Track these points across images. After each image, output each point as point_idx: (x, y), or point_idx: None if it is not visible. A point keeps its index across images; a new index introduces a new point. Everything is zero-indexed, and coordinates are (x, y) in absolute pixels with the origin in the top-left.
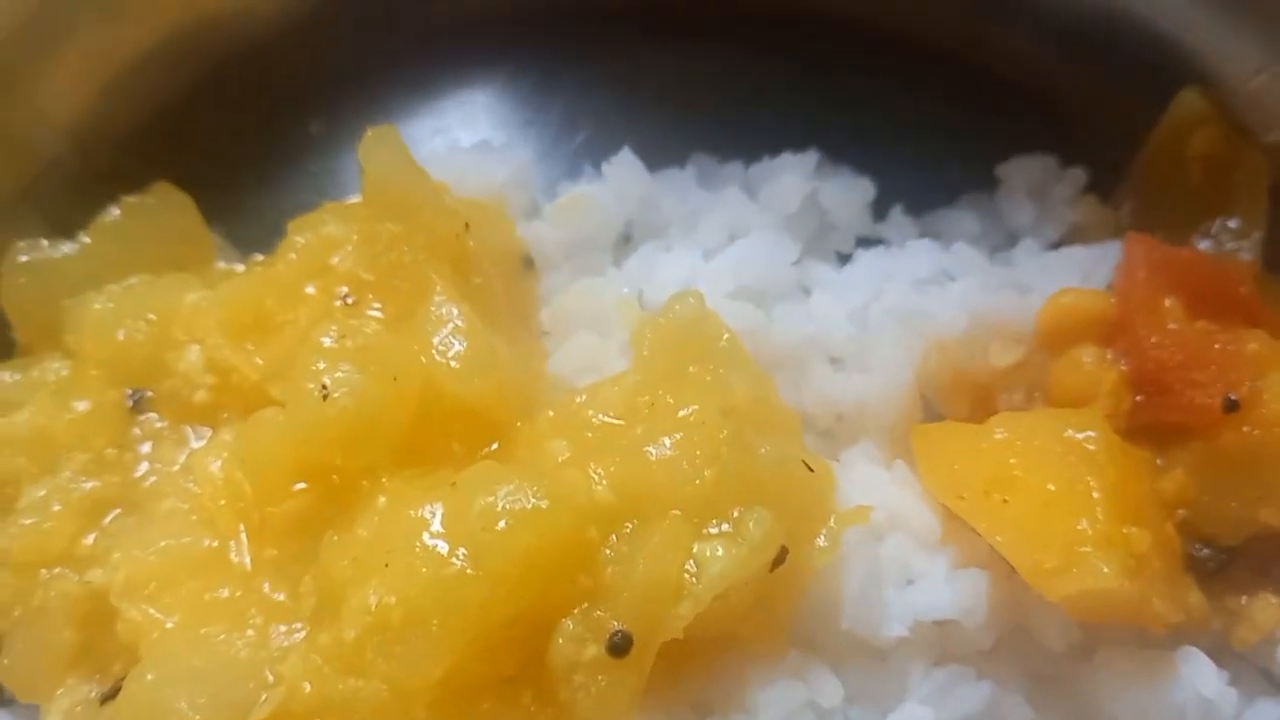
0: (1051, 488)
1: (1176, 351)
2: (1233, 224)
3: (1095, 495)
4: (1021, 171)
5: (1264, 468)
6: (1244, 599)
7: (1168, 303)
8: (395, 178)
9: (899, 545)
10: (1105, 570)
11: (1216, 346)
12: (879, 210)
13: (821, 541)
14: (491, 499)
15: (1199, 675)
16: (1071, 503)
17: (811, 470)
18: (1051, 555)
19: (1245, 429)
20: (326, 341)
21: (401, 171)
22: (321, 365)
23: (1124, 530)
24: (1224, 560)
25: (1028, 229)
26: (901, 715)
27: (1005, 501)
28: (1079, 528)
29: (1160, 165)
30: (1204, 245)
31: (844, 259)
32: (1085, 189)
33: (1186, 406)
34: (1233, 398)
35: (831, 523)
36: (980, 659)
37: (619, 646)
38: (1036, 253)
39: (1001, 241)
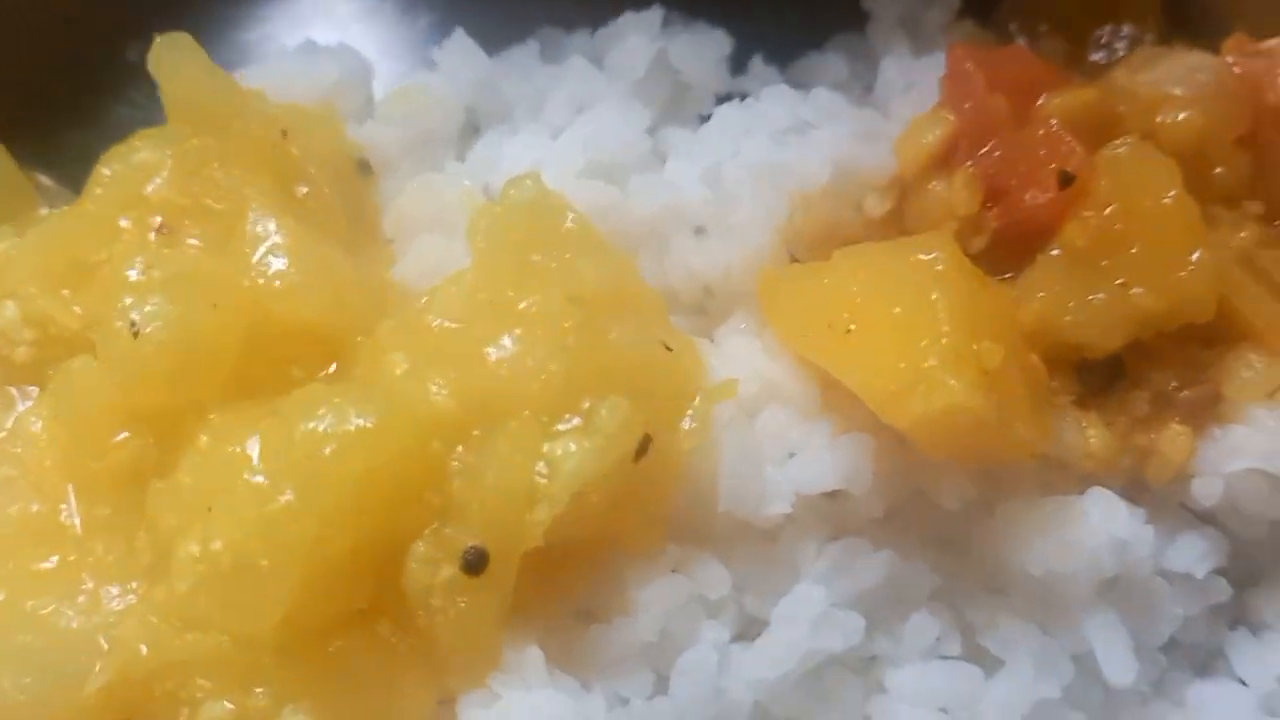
0: (896, 311)
1: (1008, 150)
2: (1125, 30)
3: (941, 313)
4: (891, 2)
5: (1114, 250)
6: (1152, 436)
7: (994, 105)
8: (196, 88)
9: (776, 418)
10: (952, 384)
11: (1042, 133)
12: (741, 64)
13: (688, 424)
14: (314, 423)
15: (1109, 516)
16: (917, 323)
17: (670, 350)
18: (896, 378)
19: (1086, 216)
20: (133, 275)
21: (202, 81)
22: (129, 301)
23: (973, 346)
24: (1112, 372)
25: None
26: (794, 598)
27: (849, 332)
28: (923, 345)
29: None
30: (1097, 57)
31: (706, 121)
32: (960, 13)
33: (1028, 205)
34: (1067, 171)
35: (697, 402)
36: (875, 529)
37: (474, 564)
38: (903, 89)
39: (875, 82)
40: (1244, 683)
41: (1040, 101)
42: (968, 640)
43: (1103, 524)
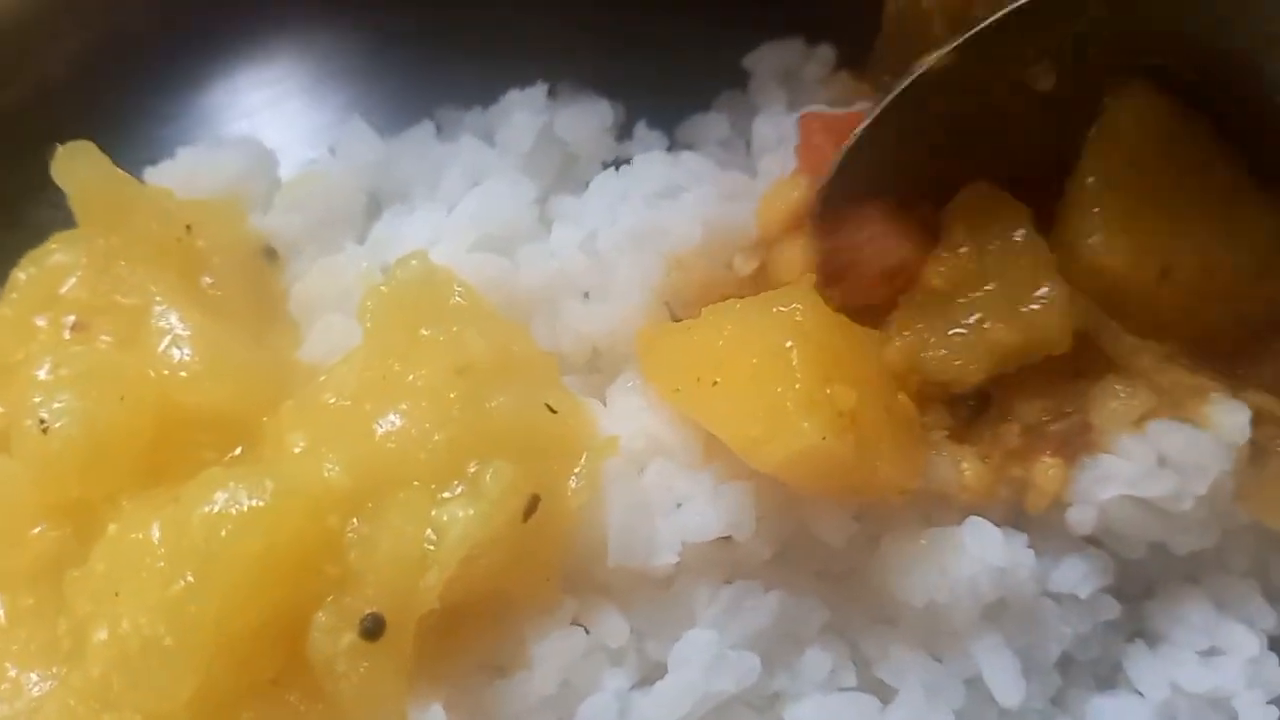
0: (754, 361)
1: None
2: None
3: (795, 360)
4: (769, 59)
5: (969, 288)
6: (1027, 468)
7: None
8: (102, 192)
9: (662, 471)
10: (805, 427)
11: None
12: (628, 130)
13: (575, 481)
14: (209, 506)
15: (985, 545)
16: (773, 371)
17: (555, 411)
18: (757, 424)
19: (943, 257)
20: (42, 374)
21: (107, 185)
22: (38, 399)
23: (826, 390)
24: (981, 405)
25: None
26: (688, 643)
27: (715, 384)
28: (779, 391)
29: (902, 25)
30: None
31: None
32: (836, 66)
33: (865, 287)
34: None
35: (584, 460)
36: (765, 570)
37: (372, 630)
38: (775, 145)
39: None
40: (1141, 694)
41: None
42: (862, 671)
43: (980, 553)
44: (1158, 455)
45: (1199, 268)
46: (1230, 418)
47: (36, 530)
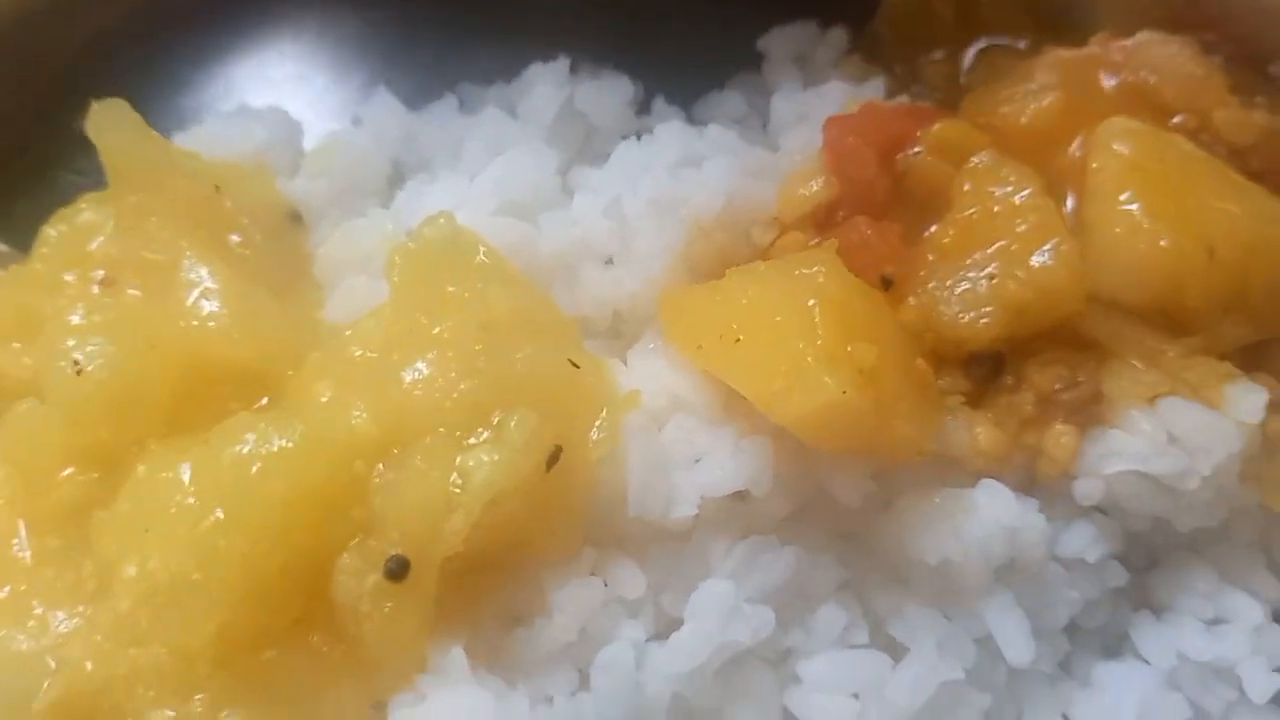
0: (778, 319)
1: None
2: (997, 41)
3: (817, 317)
4: (782, 42)
5: (980, 246)
6: (1040, 435)
7: (869, 178)
8: (133, 150)
9: (682, 426)
10: (827, 382)
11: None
12: (646, 106)
13: (597, 434)
14: (240, 447)
15: (998, 506)
16: (796, 328)
17: (578, 367)
18: (779, 379)
19: (954, 218)
20: (75, 320)
21: (138, 143)
22: (72, 343)
23: (848, 347)
24: (995, 367)
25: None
26: (705, 594)
27: (738, 341)
28: (801, 348)
29: (906, 8)
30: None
31: None
32: (849, 49)
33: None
34: (885, 276)
35: (605, 414)
36: (781, 527)
37: (396, 571)
38: (794, 122)
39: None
40: (1147, 662)
41: (900, 155)
42: (875, 629)
43: (992, 513)
44: (1167, 432)
45: (1240, 245)
46: (1246, 398)
47: (65, 473)
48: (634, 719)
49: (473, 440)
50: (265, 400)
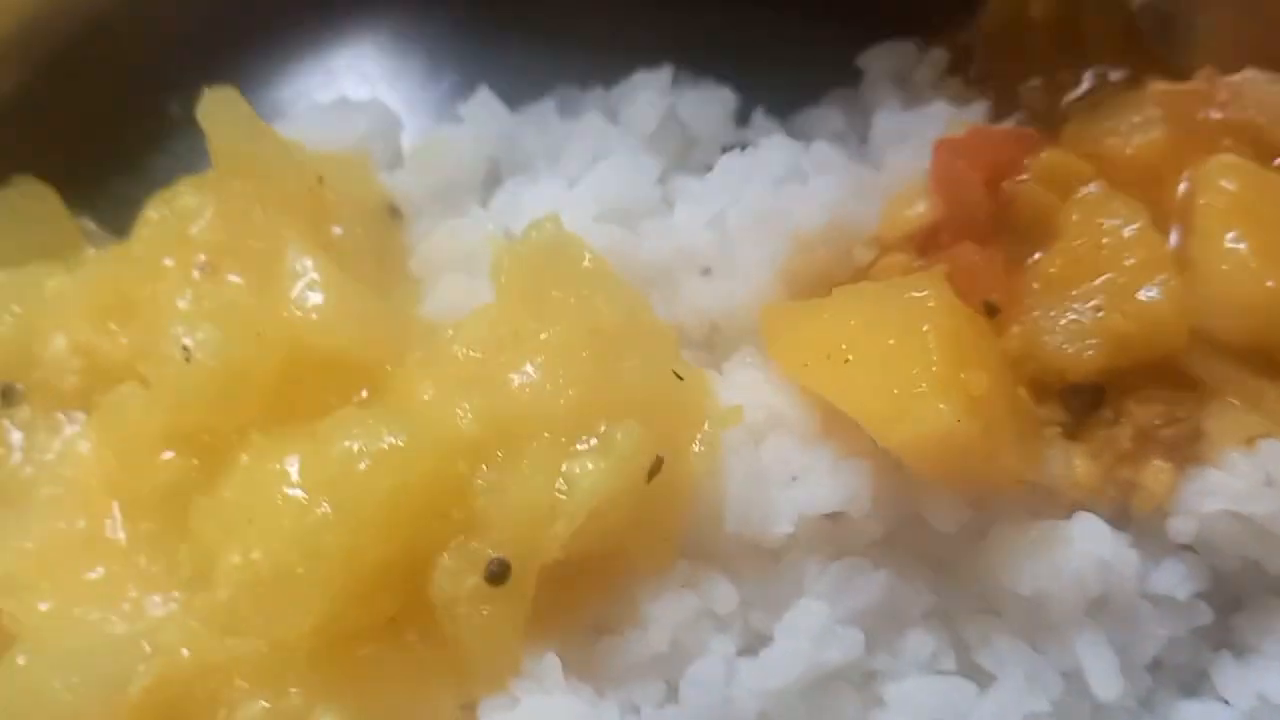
0: (891, 342)
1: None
2: (1096, 70)
3: (931, 343)
4: (882, 60)
5: (1085, 279)
6: (1136, 469)
7: (977, 203)
8: (241, 138)
9: (780, 444)
10: (941, 408)
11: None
12: (745, 117)
13: (698, 448)
14: (349, 443)
15: (1093, 539)
16: (909, 352)
17: (682, 379)
18: (890, 402)
19: (1060, 248)
20: (183, 305)
21: (246, 131)
22: (180, 329)
23: (960, 375)
24: (1095, 399)
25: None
26: (797, 611)
27: (847, 361)
28: (914, 373)
29: (1004, 32)
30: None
31: (711, 170)
32: (948, 70)
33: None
34: (990, 302)
35: (706, 427)
36: (875, 550)
37: (497, 574)
38: (896, 140)
39: (869, 133)
40: (1227, 702)
41: (1006, 182)
42: (962, 657)
43: (1088, 547)
44: (1266, 473)
45: None
46: None
47: (164, 457)
48: None
49: (579, 447)
50: (364, 393)
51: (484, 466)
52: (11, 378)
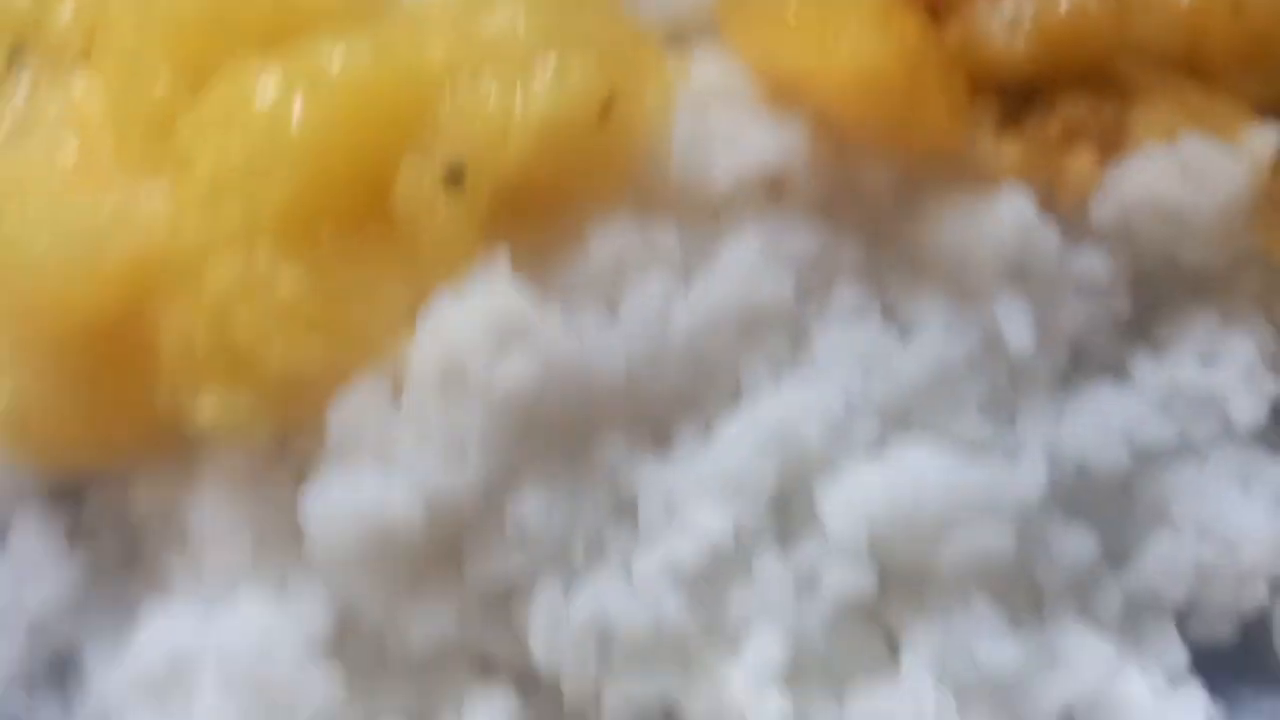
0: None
1: None
2: None
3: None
4: None
5: None
6: (1063, 159)
7: None
8: None
9: (727, 107)
10: (872, 42)
11: None
12: None
13: (649, 99)
14: (325, 50)
15: (1018, 207)
16: (846, 6)
17: (638, 35)
18: (825, 50)
19: None
20: None
21: None
22: None
23: (894, 22)
24: (1028, 97)
25: None
26: (732, 249)
27: (791, 26)
28: (849, 18)
29: None
30: None
31: None
32: None
33: None
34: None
35: (657, 80)
36: (810, 209)
37: (454, 176)
38: None
39: None
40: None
41: None
42: (887, 312)
43: (1012, 213)
44: (1183, 163)
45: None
46: (1259, 138)
47: (159, 83)
48: (656, 353)
49: (536, 74)
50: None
51: (447, 86)
52: (20, 41)
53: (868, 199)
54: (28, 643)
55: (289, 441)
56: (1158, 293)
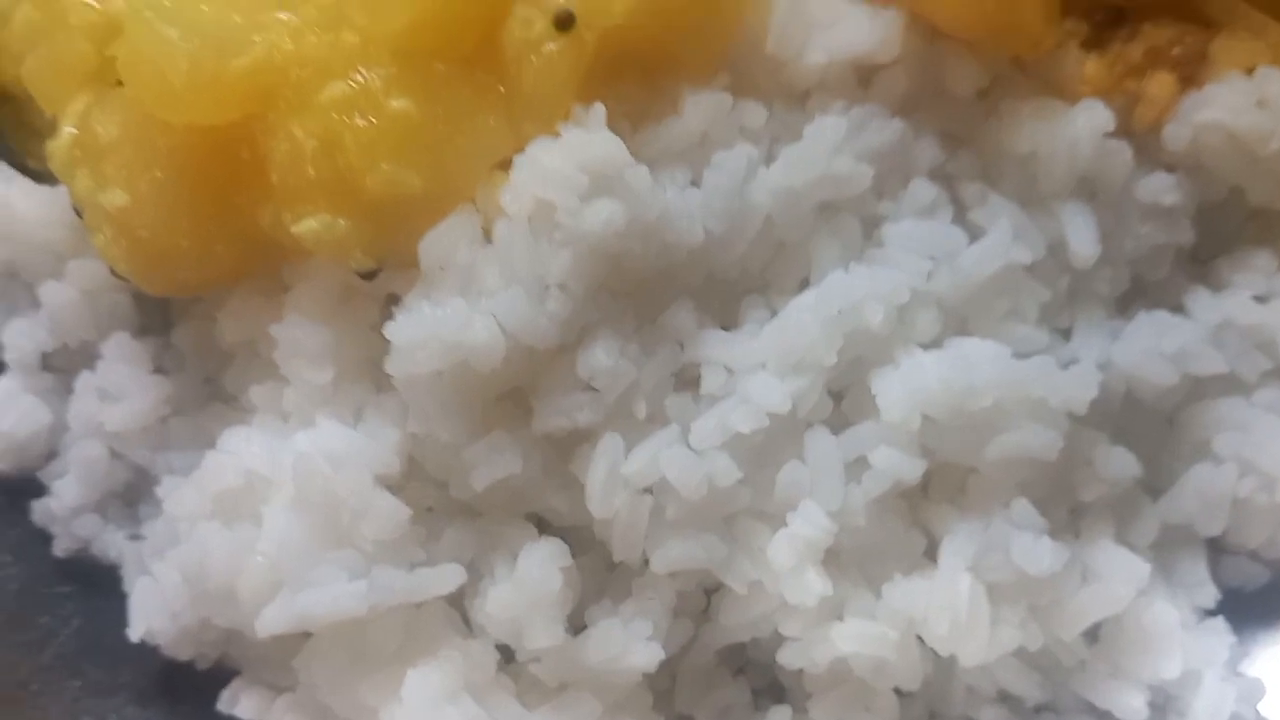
0: None
1: None
2: None
3: None
4: None
5: None
6: (1143, 82)
7: None
8: None
9: None
10: None
11: None
12: None
13: None
14: None
15: (1093, 123)
16: None
17: None
18: None
19: None
20: None
21: None
22: None
23: None
24: (1115, 17)
25: None
26: (817, 127)
27: None
28: None
29: None
30: None
31: None
32: None
33: None
34: None
35: None
36: (895, 102)
37: (564, 21)
38: None
39: None
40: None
41: None
42: (958, 212)
43: (1089, 124)
44: (1260, 96)
45: None
46: None
47: None
48: (732, 225)
49: None
50: None
51: None
52: None
53: (951, 98)
54: (107, 465)
55: (378, 272)
56: (1221, 229)
